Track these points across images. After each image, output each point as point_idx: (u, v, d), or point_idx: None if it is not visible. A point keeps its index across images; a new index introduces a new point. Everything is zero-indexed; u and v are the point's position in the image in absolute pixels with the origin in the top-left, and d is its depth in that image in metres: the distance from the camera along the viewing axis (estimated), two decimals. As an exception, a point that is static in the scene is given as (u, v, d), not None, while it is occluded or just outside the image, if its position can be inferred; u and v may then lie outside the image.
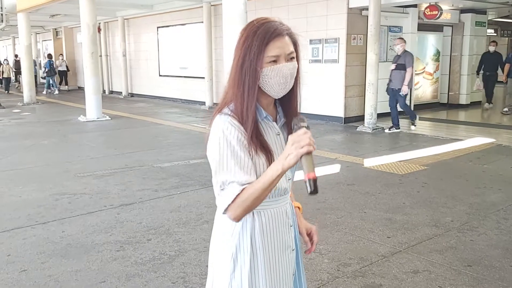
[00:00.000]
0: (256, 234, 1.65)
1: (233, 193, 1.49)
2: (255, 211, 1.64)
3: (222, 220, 1.70)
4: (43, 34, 27.08)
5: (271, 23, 1.60)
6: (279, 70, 1.57)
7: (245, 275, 1.65)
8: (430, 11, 11.82)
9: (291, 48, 1.61)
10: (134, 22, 18.88)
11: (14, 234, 4.55)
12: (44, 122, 12.46)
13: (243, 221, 1.64)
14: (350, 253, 4.05)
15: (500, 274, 3.65)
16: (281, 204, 1.71)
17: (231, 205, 1.51)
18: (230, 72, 1.64)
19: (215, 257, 1.76)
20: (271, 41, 1.57)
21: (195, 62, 15.79)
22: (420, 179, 6.35)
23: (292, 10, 11.92)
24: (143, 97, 18.56)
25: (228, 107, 1.61)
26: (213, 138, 1.59)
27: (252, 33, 1.59)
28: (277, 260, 1.70)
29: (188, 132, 10.51)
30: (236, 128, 1.56)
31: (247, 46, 1.58)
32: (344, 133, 10.18)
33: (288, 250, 1.73)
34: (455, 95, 13.87)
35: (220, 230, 1.73)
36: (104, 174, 6.77)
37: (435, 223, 4.74)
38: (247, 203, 1.49)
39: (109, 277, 3.65)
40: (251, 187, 1.50)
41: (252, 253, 1.65)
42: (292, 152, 1.44)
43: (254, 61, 1.56)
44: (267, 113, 1.65)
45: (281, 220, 1.71)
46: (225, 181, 1.52)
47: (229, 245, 1.67)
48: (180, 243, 4.27)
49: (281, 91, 1.61)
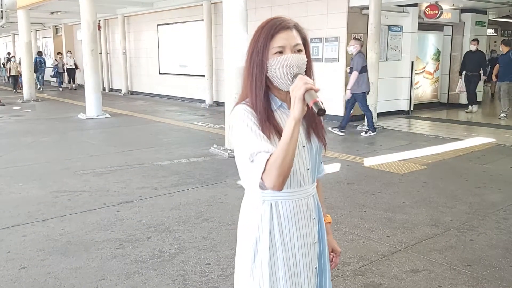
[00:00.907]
0: (274, 227, 1.70)
1: (264, 159, 1.51)
2: (273, 202, 1.69)
3: (245, 210, 1.77)
4: (43, 31, 27.04)
5: (278, 19, 1.68)
6: (284, 60, 1.62)
7: (265, 263, 1.70)
8: (430, 11, 11.81)
9: (297, 40, 1.67)
10: (134, 20, 18.85)
11: (14, 231, 4.55)
12: (44, 120, 12.45)
13: (261, 212, 1.70)
14: (350, 252, 4.05)
15: (500, 273, 3.65)
16: (300, 196, 1.74)
17: (264, 173, 1.51)
18: (244, 66, 1.73)
19: (240, 245, 1.80)
20: (276, 33, 1.64)
21: (195, 60, 15.77)
22: (420, 178, 6.35)
23: (293, 8, 11.90)
24: (143, 95, 18.55)
25: (245, 100, 1.70)
26: (234, 123, 1.66)
27: (260, 28, 1.69)
28: (297, 253, 1.73)
29: (188, 131, 10.50)
30: (251, 113, 1.64)
31: (255, 39, 1.68)
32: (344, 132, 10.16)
33: (309, 242, 1.77)
34: (455, 95, 13.87)
35: (243, 220, 1.78)
36: (104, 171, 6.76)
37: (435, 222, 4.74)
38: (277, 164, 1.48)
39: (108, 275, 3.65)
40: (277, 150, 1.51)
41: (270, 245, 1.69)
42: (295, 96, 1.49)
43: (260, 53, 1.65)
44: (282, 101, 1.71)
45: (301, 213, 1.74)
46: (253, 153, 1.53)
47: (250, 235, 1.72)
48: (179, 241, 4.27)
49: (288, 83, 1.62)
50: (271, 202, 1.69)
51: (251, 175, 1.55)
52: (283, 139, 1.49)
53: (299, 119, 1.49)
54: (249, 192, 1.76)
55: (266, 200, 1.70)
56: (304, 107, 1.49)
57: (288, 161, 1.49)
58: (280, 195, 1.69)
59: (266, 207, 1.69)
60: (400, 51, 12.11)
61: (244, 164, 1.59)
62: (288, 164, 1.50)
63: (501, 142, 8.70)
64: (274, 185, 1.51)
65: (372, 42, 10.15)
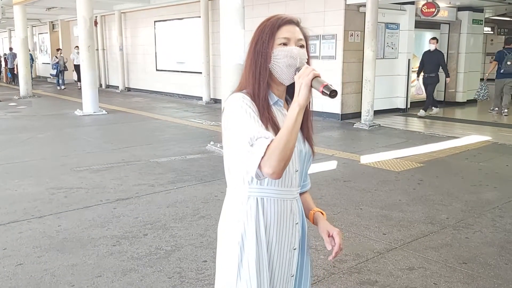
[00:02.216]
0: (260, 223, 1.67)
1: (264, 144, 1.47)
2: (259, 198, 1.67)
3: (228, 207, 1.73)
4: (40, 27, 26.94)
5: (283, 14, 1.72)
6: (288, 51, 1.63)
7: (252, 263, 1.66)
8: (427, 9, 11.82)
9: (301, 36, 1.70)
10: (131, 16, 18.80)
11: (10, 228, 4.54)
12: (40, 116, 12.42)
13: (247, 208, 1.67)
14: (346, 249, 4.05)
15: (495, 271, 3.67)
16: (286, 196, 1.71)
17: (264, 159, 1.47)
18: (246, 57, 1.73)
19: (223, 244, 1.75)
20: (283, 25, 1.67)
21: (192, 57, 15.75)
22: (416, 176, 6.37)
23: (290, 5, 11.90)
24: (140, 92, 18.51)
25: (243, 92, 1.68)
26: (231, 108, 1.62)
27: (266, 20, 1.71)
28: (276, 257, 1.69)
29: (185, 127, 10.49)
30: (249, 101, 1.62)
31: (260, 30, 1.69)
32: (341, 129, 10.19)
33: (288, 248, 1.72)
34: (451, 93, 13.90)
35: (226, 218, 1.74)
36: (100, 168, 6.76)
37: (431, 220, 4.76)
38: (280, 149, 1.45)
39: (105, 272, 3.65)
40: (278, 136, 1.48)
41: (257, 241, 1.66)
42: (301, 83, 1.48)
43: (266, 43, 1.65)
44: (278, 98, 1.71)
45: (285, 215, 1.71)
46: (252, 137, 1.50)
47: (235, 233, 1.69)
48: (176, 238, 4.28)
49: (289, 75, 1.63)
50: (257, 198, 1.66)
51: (249, 160, 1.50)
52: (286, 125, 1.47)
53: (304, 106, 1.48)
54: (233, 189, 1.72)
55: (252, 196, 1.67)
56: (310, 95, 1.50)
57: (291, 147, 1.47)
58: (267, 191, 1.67)
59: (252, 203, 1.66)
60: (397, 49, 12.12)
61: (241, 149, 1.54)
62: (290, 150, 1.47)
63: (497, 140, 8.73)
64: (274, 171, 1.47)
65: (369, 39, 10.16)
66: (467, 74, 13.80)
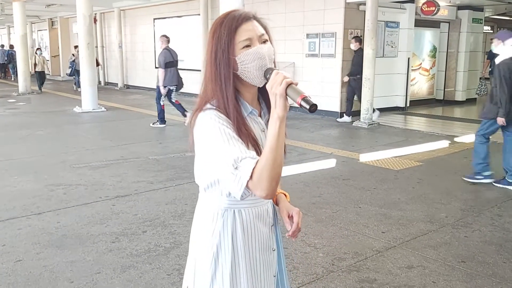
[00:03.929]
0: (237, 233, 1.60)
1: (250, 166, 1.39)
2: (236, 210, 1.60)
3: (202, 218, 1.66)
4: (39, 24, 26.86)
5: (235, 11, 1.58)
6: (255, 52, 1.52)
7: (226, 275, 1.60)
8: (427, 7, 11.83)
9: (262, 30, 1.57)
10: (130, 13, 18.77)
11: (9, 224, 4.54)
12: (39, 113, 12.40)
13: (224, 219, 1.60)
14: (345, 247, 4.06)
15: (493, 270, 3.68)
16: (262, 203, 1.66)
17: (251, 182, 1.39)
18: (205, 68, 1.59)
19: (195, 256, 1.68)
20: (239, 26, 1.53)
21: (192, 54, 15.73)
22: (415, 175, 6.38)
23: (289, 4, 11.89)
24: (138, 89, 18.48)
25: (210, 103, 1.55)
26: (204, 129, 1.50)
27: (219, 24, 1.56)
28: (258, 260, 1.65)
29: (184, 125, 10.47)
30: (224, 120, 1.50)
31: (216, 37, 1.54)
32: (340, 128, 10.18)
33: (269, 250, 1.69)
34: (451, 92, 13.91)
35: (200, 229, 1.67)
36: (99, 165, 6.75)
37: (430, 219, 4.76)
38: (267, 171, 1.37)
39: (104, 268, 3.65)
40: (264, 156, 1.39)
41: (233, 253, 1.60)
42: (276, 94, 1.37)
43: (226, 50, 1.52)
44: (252, 108, 1.60)
45: (262, 220, 1.66)
46: (236, 159, 1.41)
47: (210, 245, 1.61)
48: (175, 235, 4.28)
49: (261, 77, 1.53)
50: (234, 210, 1.60)
51: (234, 183, 1.41)
52: (270, 142, 1.37)
53: (284, 117, 1.38)
54: (208, 201, 1.65)
55: (229, 208, 1.60)
56: (287, 104, 1.38)
57: (279, 164, 1.39)
58: (245, 203, 1.59)
59: (229, 214, 1.60)
60: (397, 48, 12.13)
61: (223, 172, 1.44)
62: (279, 167, 1.39)
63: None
64: (268, 193, 1.40)
65: (369, 38, 10.15)
66: (467, 73, 13.80)
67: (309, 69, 11.64)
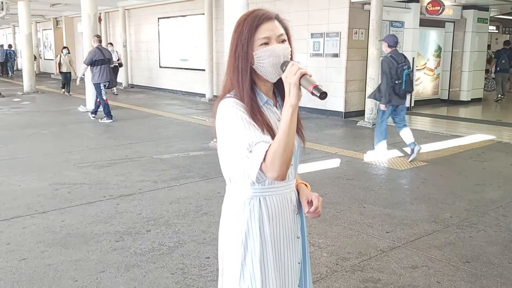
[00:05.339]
0: (264, 220, 1.69)
1: (263, 149, 1.49)
2: (261, 197, 1.69)
3: (231, 207, 1.74)
4: (44, 23, 26.97)
5: (260, 10, 1.68)
6: (272, 51, 1.62)
7: (256, 261, 1.68)
8: (432, 7, 11.79)
9: (281, 31, 1.67)
10: (135, 13, 18.80)
11: (14, 223, 4.55)
12: (43, 112, 12.43)
13: (250, 207, 1.69)
14: (349, 247, 4.06)
15: (498, 270, 3.66)
16: (286, 191, 1.75)
17: (264, 164, 1.49)
18: (227, 60, 1.71)
19: (225, 244, 1.77)
20: (260, 24, 1.63)
21: (196, 54, 15.75)
22: (420, 175, 6.36)
23: (294, 3, 11.87)
24: (143, 88, 18.52)
25: (230, 93, 1.68)
26: (224, 115, 1.62)
27: (242, 21, 1.67)
28: (283, 247, 1.74)
29: (188, 124, 10.50)
30: (241, 106, 1.62)
31: (238, 32, 1.66)
32: (344, 127, 10.17)
33: (294, 237, 1.77)
34: (456, 92, 13.86)
35: (229, 217, 1.75)
36: (103, 164, 6.76)
37: (434, 219, 4.75)
38: (279, 155, 1.47)
39: (108, 267, 3.65)
40: (276, 140, 1.50)
41: (261, 239, 1.69)
42: (290, 83, 1.48)
43: (245, 45, 1.63)
44: (268, 98, 1.71)
45: (286, 207, 1.74)
46: (251, 143, 1.52)
47: (238, 232, 1.70)
48: (179, 235, 4.28)
49: (275, 73, 1.63)
50: (259, 198, 1.69)
51: (249, 166, 1.53)
52: (283, 128, 1.48)
53: (296, 106, 1.49)
54: (234, 190, 1.73)
55: (255, 197, 1.69)
56: (300, 93, 1.50)
57: (290, 149, 1.50)
58: (269, 191, 1.69)
59: (255, 203, 1.68)
60: (402, 47, 12.07)
61: (239, 156, 1.55)
62: (290, 151, 1.50)
63: (502, 139, 8.71)
64: (279, 175, 1.50)
65: (374, 37, 10.13)
66: (472, 73, 13.74)
67: (314, 68, 11.62)
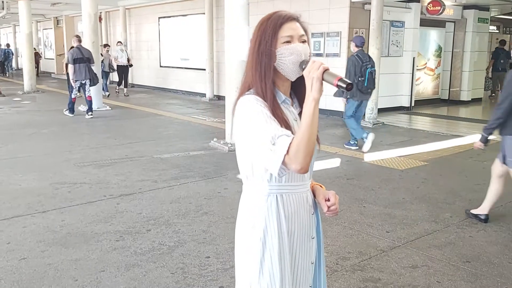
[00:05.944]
0: (281, 218, 1.72)
1: (287, 141, 1.52)
2: (278, 194, 1.72)
3: (248, 205, 1.77)
4: (44, 23, 26.95)
5: (283, 11, 1.75)
6: (294, 49, 1.67)
7: (275, 258, 1.72)
8: (433, 7, 11.79)
9: (302, 31, 1.73)
10: (135, 12, 18.79)
11: (14, 222, 4.55)
12: (44, 111, 12.44)
13: (268, 205, 1.72)
14: (349, 247, 4.06)
15: (499, 270, 3.66)
16: (302, 189, 1.78)
17: (288, 157, 1.52)
18: (248, 57, 1.75)
19: (243, 241, 1.80)
20: (284, 23, 1.69)
21: (196, 53, 15.74)
22: (420, 174, 6.36)
23: (295, 2, 11.86)
24: (143, 88, 18.52)
25: (249, 90, 1.72)
26: (245, 111, 1.66)
27: (266, 19, 1.73)
28: (298, 246, 1.76)
29: (189, 124, 10.50)
30: (262, 102, 1.65)
31: (262, 30, 1.71)
32: (345, 127, 10.12)
33: (308, 237, 1.80)
34: (456, 92, 13.86)
35: (246, 215, 1.78)
36: (104, 164, 6.76)
37: (434, 218, 4.75)
38: (303, 146, 1.50)
39: (108, 267, 3.66)
40: (300, 133, 1.53)
41: (279, 236, 1.72)
42: (313, 78, 1.52)
43: (269, 42, 1.68)
44: (286, 97, 1.75)
45: (302, 207, 1.77)
46: (274, 136, 1.55)
47: (256, 229, 1.73)
48: (179, 234, 4.28)
49: (296, 71, 1.68)
50: (276, 195, 1.72)
51: (272, 158, 1.54)
52: (306, 121, 1.51)
53: (318, 99, 1.53)
54: (252, 188, 1.76)
55: (272, 193, 1.72)
56: (322, 88, 1.53)
57: (313, 141, 1.53)
58: (286, 188, 1.72)
59: (272, 199, 1.72)
60: (402, 47, 12.09)
61: (262, 149, 1.57)
62: (313, 143, 1.53)
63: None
64: (302, 167, 1.52)
65: (374, 37, 10.13)
66: (472, 73, 13.74)
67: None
